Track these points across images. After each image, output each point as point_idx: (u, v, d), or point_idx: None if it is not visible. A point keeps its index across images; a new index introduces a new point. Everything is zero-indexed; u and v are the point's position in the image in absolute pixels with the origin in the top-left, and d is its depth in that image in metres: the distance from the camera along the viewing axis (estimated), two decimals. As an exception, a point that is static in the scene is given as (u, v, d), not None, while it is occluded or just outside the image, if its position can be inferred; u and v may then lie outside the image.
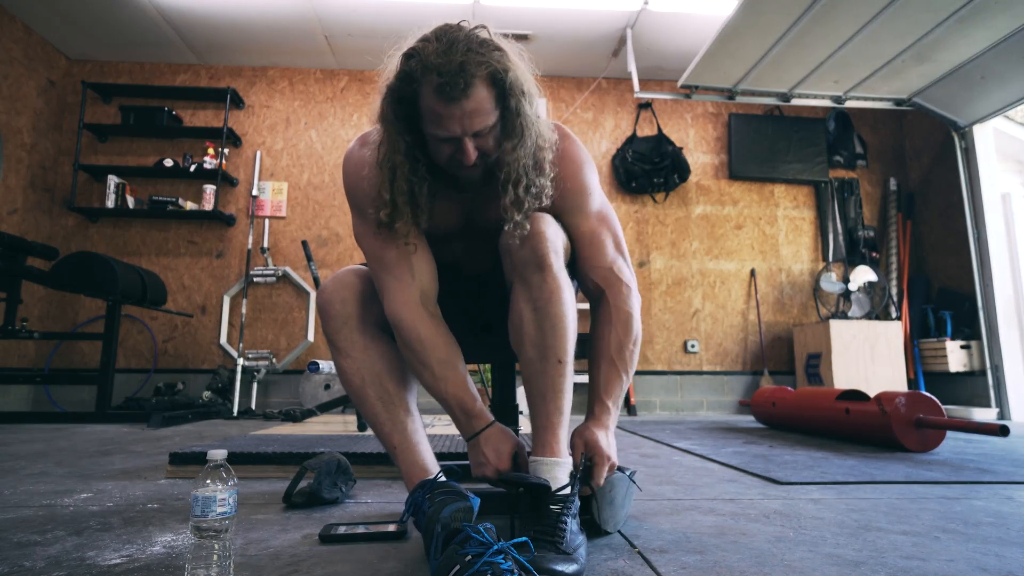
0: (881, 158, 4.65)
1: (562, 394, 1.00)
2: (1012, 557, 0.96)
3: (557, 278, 0.99)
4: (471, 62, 0.88)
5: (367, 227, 1.05)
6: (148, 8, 3.75)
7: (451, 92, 0.88)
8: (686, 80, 3.69)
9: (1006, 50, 3.19)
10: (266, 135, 4.40)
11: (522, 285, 1.00)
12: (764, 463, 1.86)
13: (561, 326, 0.99)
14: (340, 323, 1.06)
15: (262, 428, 2.71)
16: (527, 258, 0.98)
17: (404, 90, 0.93)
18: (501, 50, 0.92)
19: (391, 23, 3.80)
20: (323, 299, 1.08)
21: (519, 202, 0.97)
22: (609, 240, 1.11)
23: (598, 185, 1.12)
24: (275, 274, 4.16)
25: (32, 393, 3.98)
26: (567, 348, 1.00)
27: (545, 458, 0.97)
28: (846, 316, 3.96)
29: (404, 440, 1.06)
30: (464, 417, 1.03)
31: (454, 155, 0.95)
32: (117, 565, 0.89)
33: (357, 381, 1.06)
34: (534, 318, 0.99)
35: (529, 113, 0.96)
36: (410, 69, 0.91)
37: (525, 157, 0.97)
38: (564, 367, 1.00)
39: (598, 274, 1.09)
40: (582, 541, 0.93)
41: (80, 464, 1.81)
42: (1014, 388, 3.67)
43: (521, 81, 0.94)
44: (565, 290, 1.00)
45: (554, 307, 0.98)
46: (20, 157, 3.89)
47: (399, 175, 0.97)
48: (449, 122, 0.91)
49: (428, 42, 0.91)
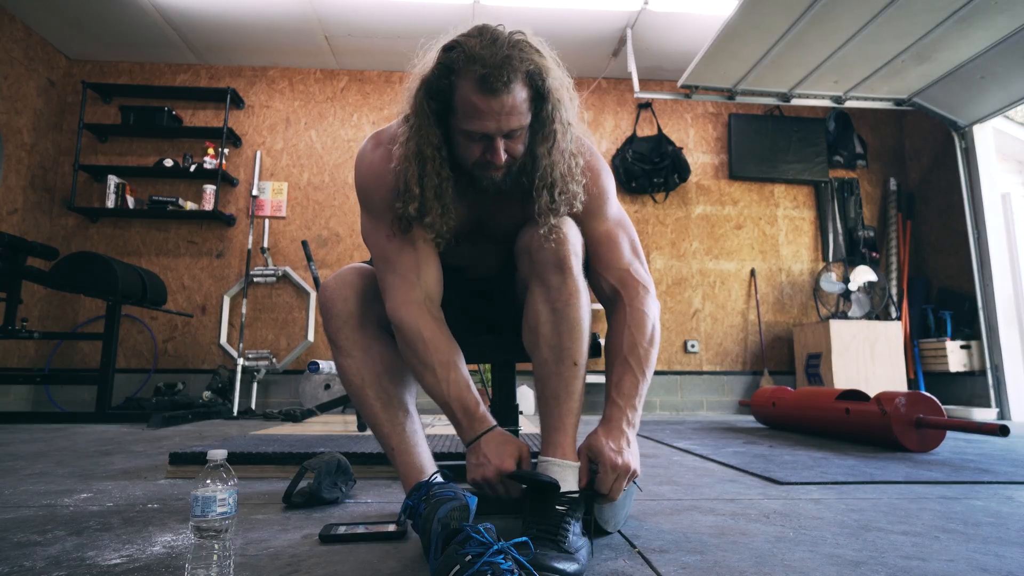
0: (881, 158, 4.65)
1: (575, 396, 1.00)
2: (1012, 557, 0.96)
3: (577, 281, 0.99)
4: (515, 58, 0.89)
5: (379, 225, 1.03)
6: (148, 8, 3.75)
7: (494, 84, 0.87)
8: (686, 80, 3.69)
9: (1006, 50, 3.19)
10: (266, 135, 4.40)
11: (541, 286, 1.00)
12: (764, 463, 1.86)
13: (578, 329, 0.99)
14: (341, 322, 1.06)
15: (262, 428, 2.71)
16: (548, 259, 0.98)
17: (441, 82, 0.92)
18: (540, 53, 0.94)
19: (391, 23, 3.80)
20: (325, 297, 1.07)
21: (555, 206, 0.97)
22: (626, 242, 1.10)
23: (615, 192, 1.12)
24: (275, 274, 4.16)
25: (32, 393, 3.98)
26: (582, 351, 1.00)
27: (555, 459, 0.97)
28: (846, 316, 3.96)
29: (402, 441, 1.05)
30: (466, 420, 1.00)
31: (483, 155, 0.94)
32: (117, 565, 0.89)
33: (357, 381, 1.06)
34: (552, 319, 0.99)
35: (565, 119, 0.97)
36: (450, 60, 0.90)
37: (561, 163, 0.98)
38: (579, 369, 1.00)
39: (614, 275, 1.08)
40: (584, 543, 0.93)
41: (80, 464, 1.81)
42: (1014, 388, 3.67)
43: (559, 86, 0.95)
44: (583, 293, 1.00)
45: (572, 310, 0.99)
46: (20, 157, 3.89)
47: (430, 168, 0.96)
48: (486, 117, 0.90)
49: (471, 37, 0.92)
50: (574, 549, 0.88)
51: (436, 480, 1.01)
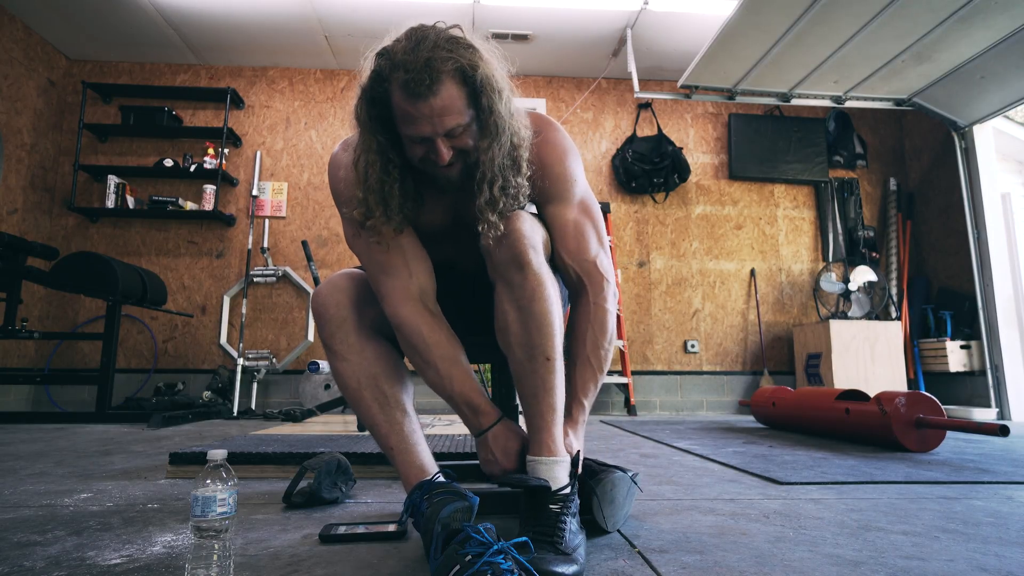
0: (881, 158, 4.65)
1: (554, 391, 0.99)
2: (1012, 557, 0.96)
3: (539, 275, 0.97)
4: (437, 58, 0.87)
5: (355, 230, 1.04)
6: (148, 8, 3.75)
7: (416, 89, 0.87)
8: (686, 80, 3.69)
9: (1006, 50, 3.19)
10: (266, 135, 4.40)
11: (504, 285, 0.99)
12: (764, 463, 1.86)
13: (547, 323, 0.98)
14: (335, 327, 1.06)
15: (262, 428, 2.71)
16: (506, 258, 0.97)
17: (376, 89, 0.93)
18: (472, 47, 0.91)
19: (391, 23, 3.75)
20: (317, 303, 1.07)
21: (494, 202, 0.96)
22: (592, 232, 1.10)
23: (582, 174, 1.12)
24: (275, 274, 4.16)
25: (32, 393, 3.98)
26: (555, 344, 0.99)
27: (542, 457, 0.97)
28: (846, 316, 3.96)
29: (401, 441, 1.05)
30: (472, 414, 1.03)
31: (427, 155, 0.94)
32: (117, 565, 0.89)
33: (353, 384, 1.06)
34: (519, 317, 0.98)
35: (503, 111, 0.94)
36: (380, 68, 0.91)
37: (500, 156, 0.95)
38: (553, 363, 0.99)
39: (581, 267, 1.08)
40: (581, 541, 0.93)
41: (80, 464, 1.81)
42: (1014, 388, 3.67)
43: (493, 78, 0.92)
44: (548, 286, 0.98)
45: (537, 304, 0.97)
46: (20, 157, 3.89)
47: (371, 174, 0.97)
48: (420, 121, 0.90)
49: (398, 41, 0.91)
50: (571, 549, 0.89)
51: (439, 479, 1.01)
